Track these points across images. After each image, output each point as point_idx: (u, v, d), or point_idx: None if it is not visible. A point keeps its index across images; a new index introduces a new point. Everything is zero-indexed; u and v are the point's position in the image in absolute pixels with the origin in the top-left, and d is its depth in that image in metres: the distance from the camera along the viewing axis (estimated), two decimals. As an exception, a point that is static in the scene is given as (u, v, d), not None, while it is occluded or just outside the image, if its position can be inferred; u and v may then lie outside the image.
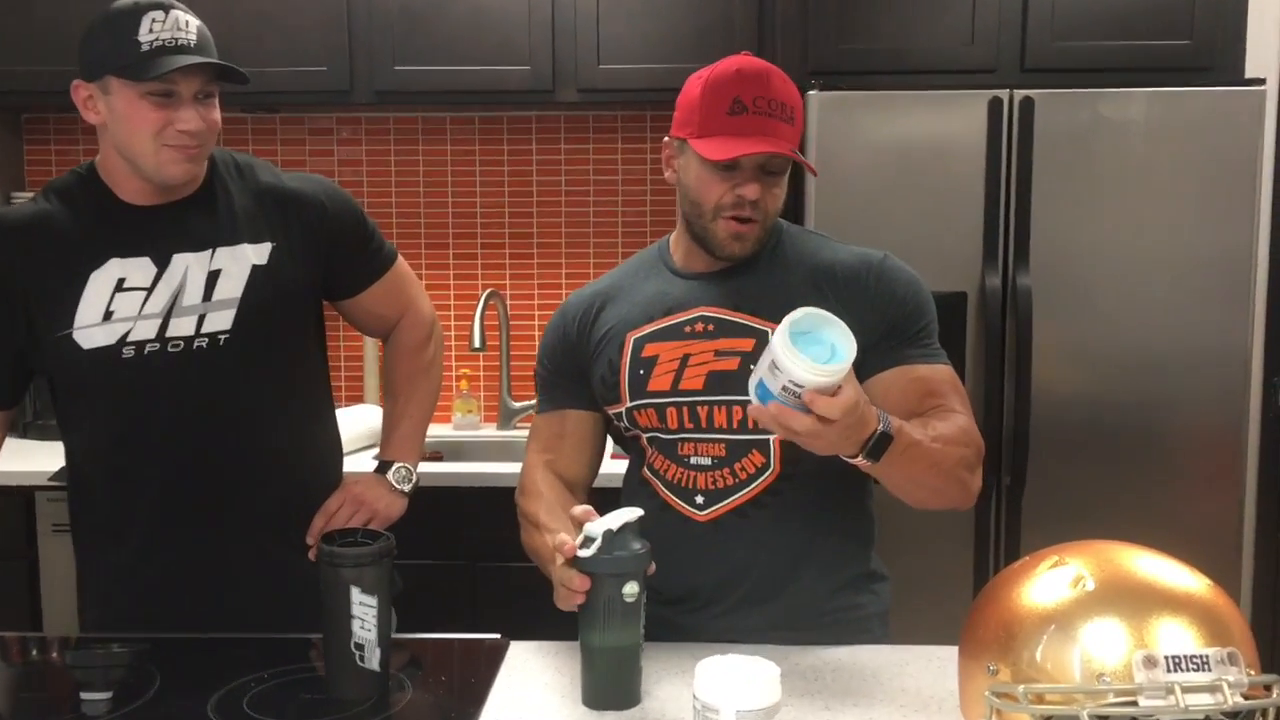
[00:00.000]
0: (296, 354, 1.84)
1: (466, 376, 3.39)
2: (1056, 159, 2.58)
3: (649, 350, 1.69)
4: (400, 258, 1.97)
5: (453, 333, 3.42)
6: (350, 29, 3.01)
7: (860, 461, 1.42)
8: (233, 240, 1.75)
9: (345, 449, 1.99)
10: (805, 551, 1.67)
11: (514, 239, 3.42)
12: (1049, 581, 1.17)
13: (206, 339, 1.71)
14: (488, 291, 3.25)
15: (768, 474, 1.64)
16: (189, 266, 1.71)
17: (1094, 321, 2.62)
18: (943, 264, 2.59)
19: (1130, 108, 2.56)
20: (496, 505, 2.80)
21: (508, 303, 3.41)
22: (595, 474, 1.83)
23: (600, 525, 1.42)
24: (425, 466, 2.94)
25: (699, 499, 1.66)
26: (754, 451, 1.64)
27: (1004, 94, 2.58)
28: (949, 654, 1.63)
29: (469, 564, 2.85)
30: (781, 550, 1.66)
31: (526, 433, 3.24)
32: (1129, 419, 2.64)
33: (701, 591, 1.69)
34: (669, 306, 1.70)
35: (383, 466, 1.92)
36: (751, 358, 1.63)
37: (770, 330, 1.62)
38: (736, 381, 1.62)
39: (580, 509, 1.48)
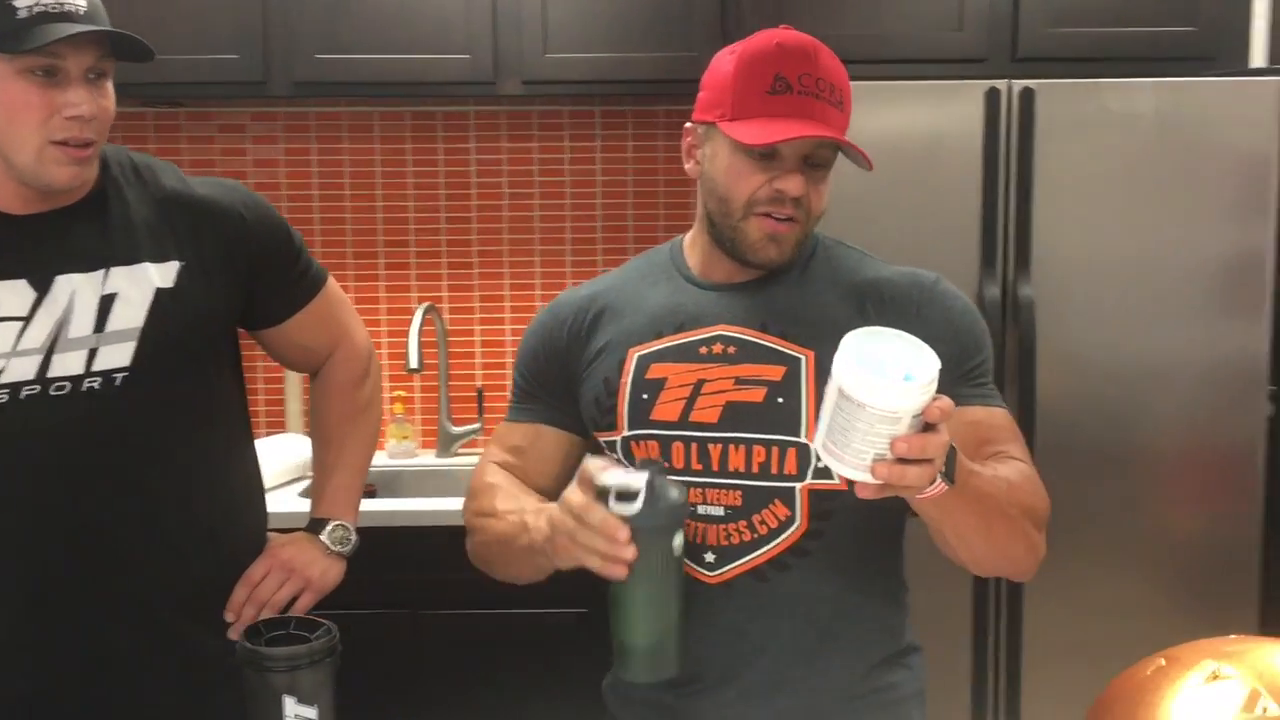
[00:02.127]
0: (208, 391, 1.53)
1: (401, 399, 3.06)
2: (1058, 156, 2.36)
3: (656, 371, 1.41)
4: (331, 279, 1.67)
5: (385, 350, 3.10)
6: (265, 12, 2.69)
7: (934, 490, 1.15)
8: (131, 258, 1.44)
9: (266, 486, 1.69)
10: (837, 623, 1.40)
11: (451, 247, 3.10)
12: (1209, 700, 0.90)
13: (99, 378, 1.40)
14: (424, 305, 2.93)
15: (792, 529, 1.37)
16: (76, 290, 1.40)
17: (1101, 333, 2.40)
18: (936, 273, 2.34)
19: (1138, 100, 2.34)
20: (441, 545, 2.53)
21: (445, 317, 3.09)
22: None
23: (622, 475, 1.17)
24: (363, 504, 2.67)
25: (709, 556, 1.39)
26: (776, 502, 1.37)
27: (1002, 85, 2.34)
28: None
29: (412, 613, 2.55)
30: (809, 621, 1.39)
31: (470, 461, 3.06)
32: (1140, 437, 2.43)
33: (710, 670, 1.41)
34: (681, 321, 1.43)
35: (315, 525, 1.62)
36: (781, 389, 1.36)
37: (805, 357, 1.36)
38: (759, 416, 1.36)
39: (595, 461, 1.22)
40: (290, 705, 1.14)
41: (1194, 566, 2.46)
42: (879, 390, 1.06)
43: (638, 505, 1.16)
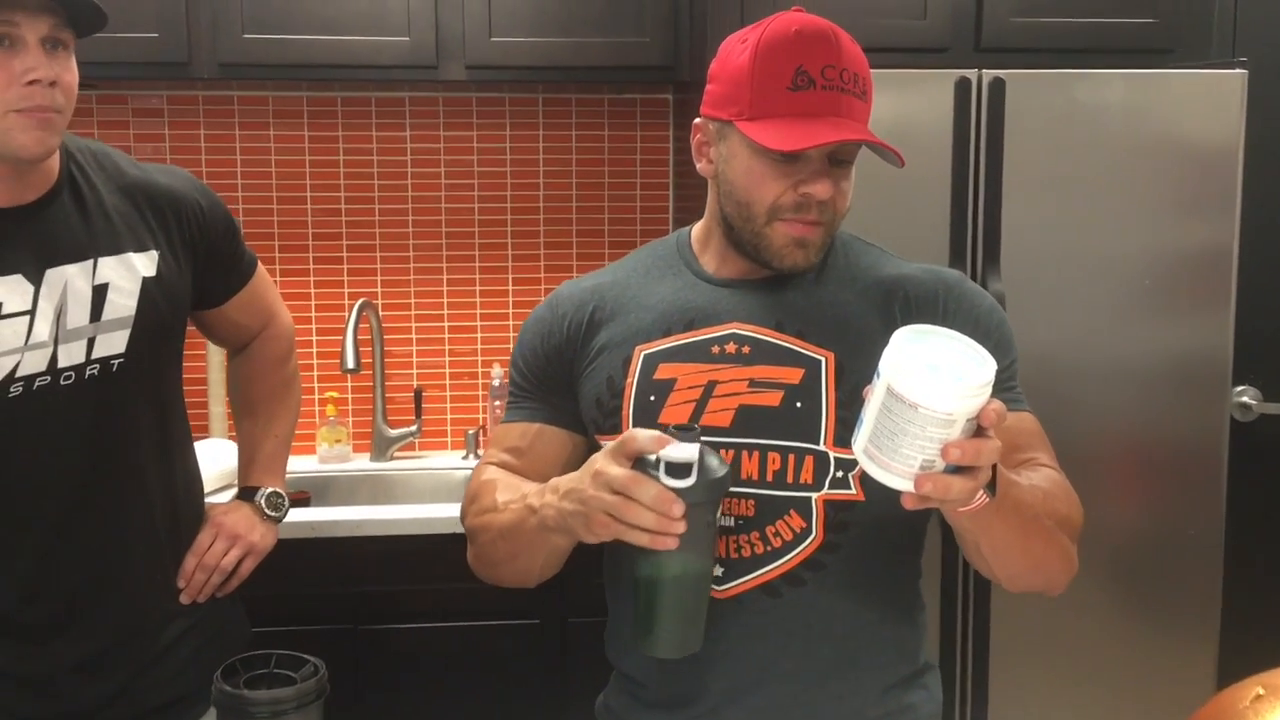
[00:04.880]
0: (178, 375, 1.62)
1: (334, 400, 2.89)
2: (1027, 148, 2.30)
3: (664, 371, 1.31)
4: (259, 261, 1.77)
5: (314, 349, 2.93)
6: (188, -12, 2.50)
7: (976, 503, 1.07)
8: (115, 248, 1.47)
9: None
10: (852, 642, 1.31)
11: (386, 240, 2.94)
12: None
13: (98, 365, 1.44)
14: (360, 302, 2.77)
15: (809, 541, 1.28)
16: (69, 281, 1.42)
17: (1067, 328, 2.35)
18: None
19: (1108, 91, 2.29)
20: (381, 555, 2.39)
21: (380, 314, 2.93)
22: None
23: (675, 449, 1.10)
24: (294, 513, 2.51)
25: (717, 570, 1.28)
26: (791, 512, 1.27)
27: (972, 74, 2.28)
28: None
29: (353, 628, 2.40)
30: (823, 639, 1.29)
31: (407, 465, 2.91)
32: (1105, 434, 2.39)
33: (712, 690, 1.31)
34: (691, 319, 1.33)
35: (248, 493, 1.71)
36: (799, 392, 1.26)
37: (825, 359, 1.27)
38: (775, 421, 1.26)
39: (643, 432, 1.12)
40: (275, 754, 1.02)
41: (1159, 564, 2.44)
42: (935, 390, 0.99)
43: (690, 479, 1.10)
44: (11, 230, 1.40)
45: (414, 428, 2.92)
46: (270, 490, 1.71)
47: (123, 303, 1.46)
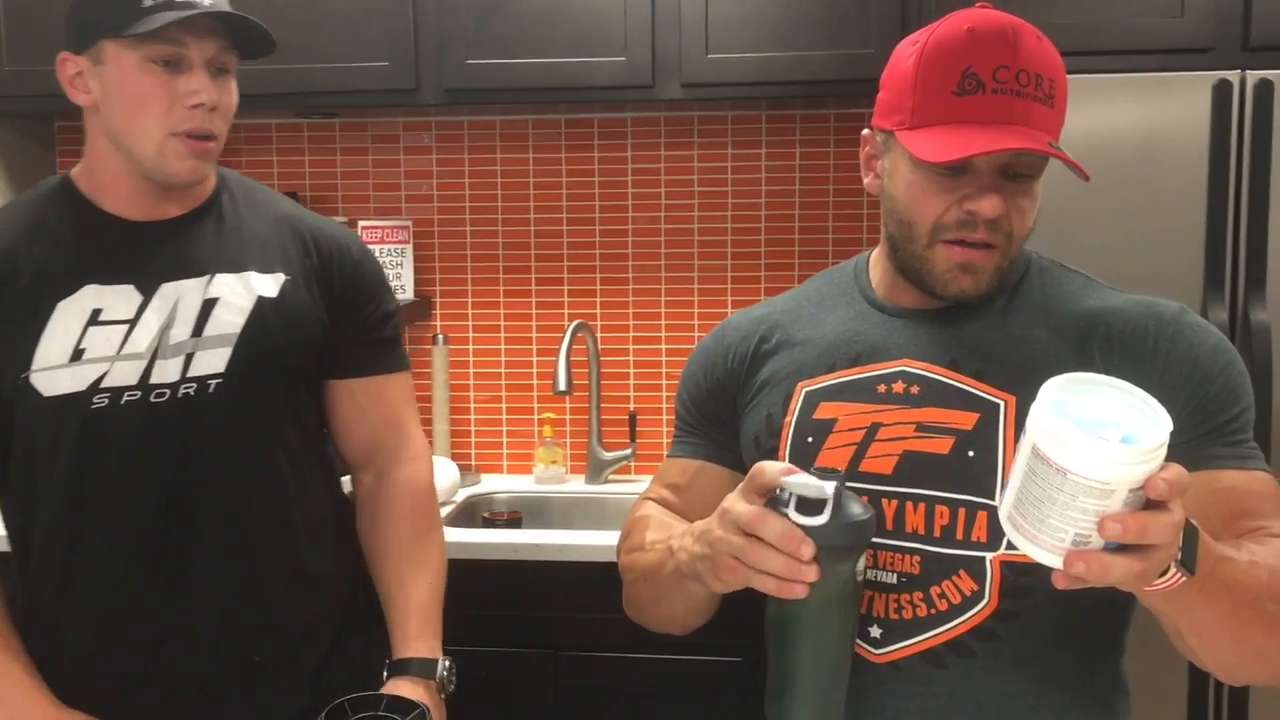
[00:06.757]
0: (298, 411, 1.47)
1: (550, 421, 2.90)
2: (1302, 158, 2.02)
3: (825, 410, 1.19)
4: (410, 376, 1.60)
5: (534, 369, 2.95)
6: (415, 18, 2.57)
7: (1168, 582, 0.91)
8: (238, 266, 1.41)
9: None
10: None
11: (605, 261, 2.93)
12: None
13: (194, 384, 1.35)
14: (575, 323, 2.77)
15: (980, 607, 1.12)
16: (181, 296, 1.37)
17: (1350, 366, 2.04)
18: (1153, 293, 2.03)
19: (1403, 91, 1.98)
20: (587, 581, 2.36)
21: (598, 336, 2.92)
22: None
23: (805, 480, 0.97)
24: (502, 534, 2.51)
25: (875, 630, 1.16)
26: (961, 572, 1.13)
27: (1234, 76, 2.02)
28: None
29: (552, 653, 2.37)
30: (995, 718, 1.13)
31: (622, 489, 2.88)
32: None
33: None
34: (859, 353, 1.21)
35: (424, 667, 1.43)
36: (972, 440, 1.12)
37: (1004, 403, 1.12)
38: (944, 471, 1.12)
39: (772, 465, 1.01)
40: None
41: None
42: (1086, 453, 0.83)
43: (824, 517, 0.97)
44: (140, 243, 1.38)
45: (629, 450, 2.89)
46: (449, 661, 1.47)
47: (229, 319, 1.37)
